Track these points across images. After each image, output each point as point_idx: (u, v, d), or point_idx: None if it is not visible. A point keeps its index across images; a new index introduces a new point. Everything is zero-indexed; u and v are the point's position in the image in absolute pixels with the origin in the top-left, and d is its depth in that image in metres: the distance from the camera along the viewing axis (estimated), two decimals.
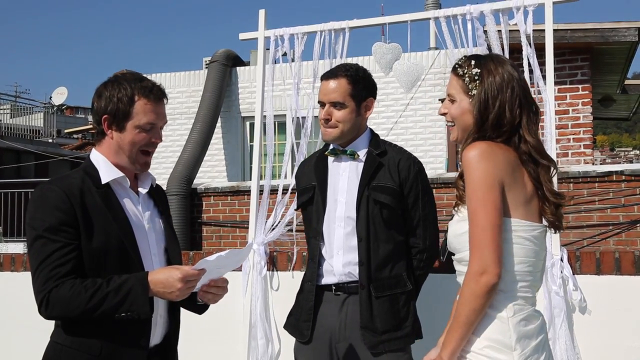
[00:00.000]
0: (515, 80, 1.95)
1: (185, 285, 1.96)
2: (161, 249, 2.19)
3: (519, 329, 1.87)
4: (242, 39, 4.40)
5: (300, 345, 2.79)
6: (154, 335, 2.11)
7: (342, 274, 2.70)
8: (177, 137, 10.87)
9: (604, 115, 13.37)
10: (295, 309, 2.85)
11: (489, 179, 1.84)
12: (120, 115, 2.08)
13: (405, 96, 9.73)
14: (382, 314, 2.64)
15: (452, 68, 2.04)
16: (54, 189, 2.01)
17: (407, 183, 2.71)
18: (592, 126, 8.77)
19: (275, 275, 3.97)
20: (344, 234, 2.71)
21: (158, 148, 2.31)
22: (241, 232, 8.73)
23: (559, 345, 3.28)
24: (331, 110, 2.72)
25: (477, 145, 1.89)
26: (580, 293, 3.34)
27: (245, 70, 10.86)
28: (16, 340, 4.42)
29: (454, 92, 2.02)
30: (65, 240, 1.96)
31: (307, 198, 2.84)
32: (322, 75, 2.82)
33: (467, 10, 3.71)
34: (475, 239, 1.84)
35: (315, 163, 2.88)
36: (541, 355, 1.89)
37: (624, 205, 7.27)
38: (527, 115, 1.94)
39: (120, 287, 1.93)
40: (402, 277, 2.70)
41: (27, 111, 24.58)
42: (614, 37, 8.13)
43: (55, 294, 1.92)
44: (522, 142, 1.93)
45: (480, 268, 1.82)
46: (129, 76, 2.14)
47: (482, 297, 1.83)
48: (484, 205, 1.83)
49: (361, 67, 2.81)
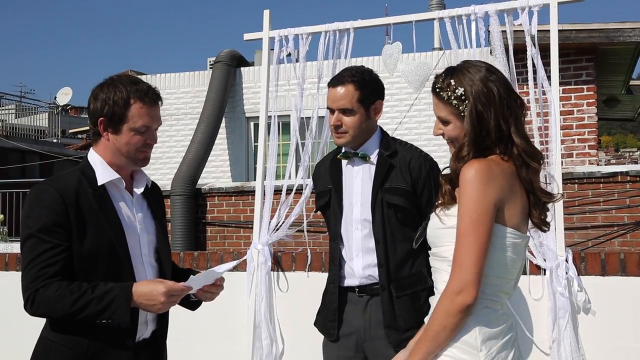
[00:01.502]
0: (495, 81, 1.92)
1: (168, 299, 2.01)
2: (152, 250, 2.22)
3: (485, 330, 1.86)
4: (246, 39, 4.40)
5: (329, 343, 2.86)
6: (144, 331, 2.17)
7: (363, 276, 2.75)
8: (181, 137, 10.87)
9: (609, 116, 13.34)
10: (322, 308, 2.91)
11: (485, 202, 1.82)
12: (116, 118, 2.12)
13: (409, 96, 9.72)
14: (404, 312, 2.69)
15: (434, 91, 1.99)
16: (49, 190, 2.05)
17: (420, 182, 2.73)
18: (597, 127, 8.75)
19: (280, 275, 3.97)
20: (361, 236, 2.76)
21: (162, 148, 2.33)
22: (245, 233, 8.73)
23: (563, 347, 3.27)
24: (341, 117, 2.73)
25: (475, 165, 1.86)
26: (585, 294, 3.34)
27: (250, 70, 10.86)
28: (23, 340, 4.43)
29: (444, 115, 1.98)
30: (57, 241, 2.01)
31: (324, 202, 2.89)
32: (329, 81, 2.82)
33: (472, 10, 3.71)
34: (460, 257, 1.83)
35: (330, 165, 2.91)
36: (510, 351, 1.88)
37: (629, 206, 7.25)
38: (514, 116, 1.92)
39: (104, 296, 1.98)
40: (422, 274, 2.73)
41: (32, 111, 24.63)
42: (619, 37, 8.11)
43: (41, 294, 1.99)
44: (513, 146, 1.91)
45: (458, 287, 1.81)
46: (125, 79, 2.17)
47: (454, 315, 1.82)
48: (475, 228, 1.81)
49: (367, 69, 2.81)
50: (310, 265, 3.89)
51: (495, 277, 1.89)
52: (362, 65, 2.86)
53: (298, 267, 3.92)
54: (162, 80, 11.20)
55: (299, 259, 3.93)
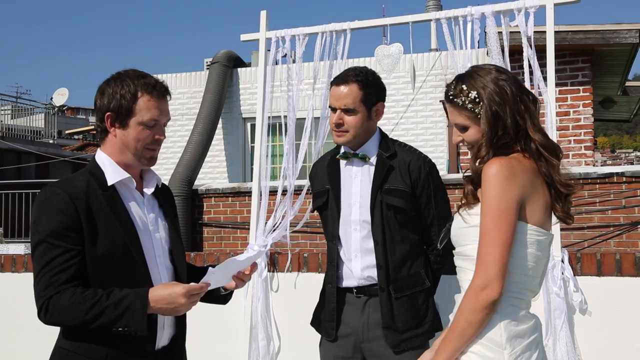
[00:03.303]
0: (506, 80, 1.94)
1: (189, 300, 1.94)
2: (166, 251, 2.16)
3: (510, 328, 1.87)
4: (243, 40, 4.40)
5: (327, 342, 2.86)
6: (162, 338, 2.10)
7: (361, 277, 2.75)
8: (178, 138, 10.87)
9: (605, 117, 13.36)
10: (320, 308, 2.91)
11: (508, 199, 1.84)
12: (123, 112, 2.05)
13: (406, 97, 9.73)
14: (403, 313, 2.70)
15: (447, 99, 2.01)
16: (58, 193, 1.98)
17: (419, 184, 2.74)
18: (593, 128, 8.77)
19: (276, 276, 3.97)
20: (360, 237, 2.76)
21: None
22: (242, 234, 8.73)
23: (559, 347, 3.28)
24: (342, 116, 2.73)
25: (497, 162, 1.87)
26: (581, 294, 3.34)
27: (247, 71, 10.86)
28: (17, 341, 4.42)
29: (461, 121, 1.99)
30: (68, 246, 1.93)
31: (322, 202, 2.88)
32: (333, 80, 2.81)
33: (468, 11, 3.71)
34: (484, 253, 1.84)
35: (328, 165, 2.90)
36: (534, 352, 1.89)
37: (624, 206, 7.26)
38: (529, 112, 1.94)
39: (119, 303, 1.91)
40: (421, 275, 2.75)
41: (28, 112, 24.57)
42: (615, 38, 8.13)
43: (54, 302, 1.91)
44: (531, 141, 1.93)
45: (482, 283, 1.82)
46: (132, 73, 2.11)
47: (480, 311, 1.83)
48: (498, 224, 1.83)
49: (371, 70, 2.81)
50: (306, 266, 3.89)
51: (520, 275, 1.90)
52: (366, 66, 2.85)
53: (294, 268, 3.92)
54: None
55: (295, 259, 3.93)
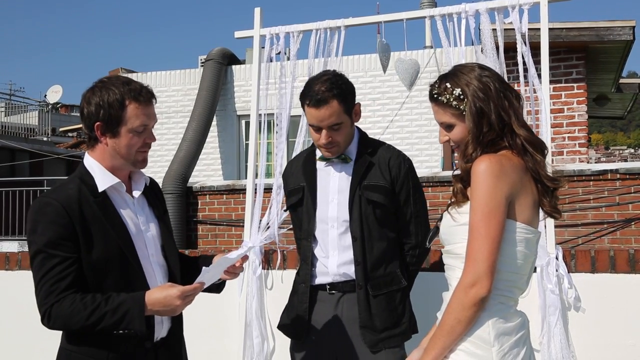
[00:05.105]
0: (490, 77, 1.95)
1: (184, 301, 2.03)
2: (158, 248, 2.23)
3: (498, 325, 1.87)
4: (237, 37, 4.39)
5: (298, 345, 2.80)
6: (160, 331, 2.18)
7: (337, 274, 2.71)
8: (172, 135, 10.85)
9: (599, 113, 13.41)
10: (289, 310, 2.85)
11: (497, 196, 1.84)
12: (113, 121, 2.09)
13: (400, 94, 9.73)
14: (380, 312, 2.66)
15: (432, 98, 2.02)
16: (51, 203, 2.03)
17: (399, 181, 2.72)
18: (587, 125, 8.80)
19: (271, 273, 3.96)
20: (337, 234, 2.72)
21: (153, 146, 2.32)
22: (237, 231, 8.72)
23: (553, 344, 3.29)
24: (331, 133, 2.65)
25: (487, 159, 1.87)
26: (575, 291, 3.35)
27: (241, 68, 10.85)
28: (11, 338, 4.41)
29: (447, 119, 2.00)
30: (65, 254, 2.01)
31: (296, 200, 2.83)
32: (308, 100, 2.63)
33: (463, 8, 3.71)
34: (473, 250, 1.84)
35: (304, 163, 2.86)
36: (521, 349, 1.89)
37: (618, 203, 7.29)
38: (513, 107, 1.95)
39: (118, 308, 2.00)
40: (397, 274, 2.72)
41: (22, 109, 24.50)
42: (609, 36, 8.16)
43: (56, 310, 2.00)
44: (516, 136, 1.93)
45: (472, 280, 1.82)
46: (116, 80, 2.14)
47: (469, 308, 1.83)
48: (488, 221, 1.83)
49: (337, 74, 2.71)
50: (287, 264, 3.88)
51: (508, 273, 1.90)
52: (327, 71, 2.78)
53: (289, 265, 3.91)
54: (153, 78, 11.16)
55: (289, 257, 3.93)
